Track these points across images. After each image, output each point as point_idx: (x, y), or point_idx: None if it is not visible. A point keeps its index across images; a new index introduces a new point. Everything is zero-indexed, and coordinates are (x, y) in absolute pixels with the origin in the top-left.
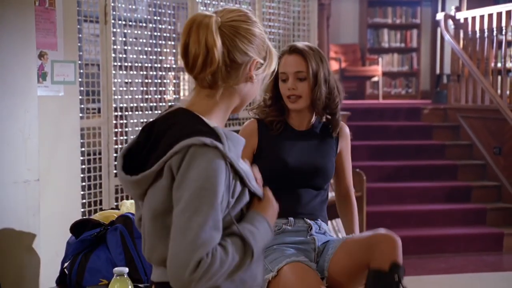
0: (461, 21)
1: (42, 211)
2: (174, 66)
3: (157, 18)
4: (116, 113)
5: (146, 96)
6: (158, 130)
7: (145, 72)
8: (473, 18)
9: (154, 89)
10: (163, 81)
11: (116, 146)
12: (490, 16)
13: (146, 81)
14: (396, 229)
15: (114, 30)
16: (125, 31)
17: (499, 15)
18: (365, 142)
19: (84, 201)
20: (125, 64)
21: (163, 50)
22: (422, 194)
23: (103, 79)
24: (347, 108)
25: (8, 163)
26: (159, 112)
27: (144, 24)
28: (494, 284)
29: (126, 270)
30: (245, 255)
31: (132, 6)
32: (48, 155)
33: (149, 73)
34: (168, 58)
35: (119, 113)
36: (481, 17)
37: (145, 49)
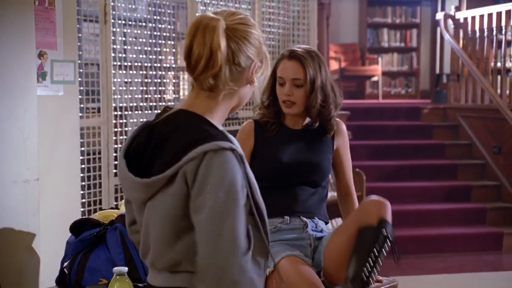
0: (461, 21)
1: (42, 211)
2: (174, 66)
3: (157, 18)
4: (116, 113)
5: (146, 96)
6: (161, 133)
7: (145, 72)
8: (473, 18)
9: (154, 89)
10: (163, 81)
11: (116, 146)
12: (490, 16)
13: (146, 81)
14: (396, 229)
15: (114, 30)
16: (125, 31)
17: (499, 15)
18: (365, 142)
19: (84, 201)
20: (125, 64)
21: (163, 50)
22: (422, 194)
23: (103, 79)
24: (347, 108)
25: (8, 163)
26: (159, 112)
27: (144, 24)
28: (494, 284)
29: (126, 270)
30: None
31: (132, 6)
32: (48, 155)
33: (149, 73)
34: (168, 58)
35: (119, 113)
36: (481, 17)
37: (145, 49)
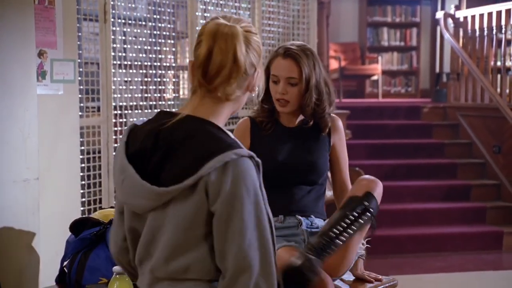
0: (461, 20)
1: (42, 210)
2: (174, 65)
3: (157, 17)
4: (116, 112)
5: (146, 95)
6: (170, 139)
7: (145, 71)
8: (473, 17)
9: (154, 88)
10: (163, 80)
11: (116, 145)
12: (490, 15)
13: (146, 80)
14: (395, 228)
15: (114, 29)
16: (125, 30)
17: (499, 14)
18: (365, 141)
19: (84, 200)
20: (125, 63)
21: (163, 49)
22: (421, 193)
23: (103, 78)
24: (347, 107)
25: (8, 162)
26: (159, 111)
27: (144, 23)
28: (494, 283)
29: None
30: None
31: (132, 5)
32: (48, 154)
33: (149, 72)
34: (168, 57)
35: (119, 112)
36: (481, 16)
37: (145, 48)
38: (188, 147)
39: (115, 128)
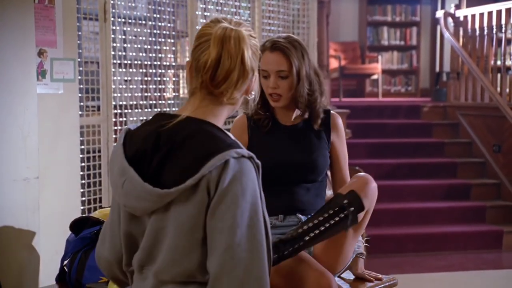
0: (461, 19)
1: (42, 209)
2: (174, 64)
3: (157, 16)
4: (116, 111)
5: (146, 94)
6: (172, 141)
7: (145, 70)
8: (473, 16)
9: (154, 87)
10: (163, 79)
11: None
12: (490, 14)
13: (146, 79)
14: (395, 227)
15: (114, 28)
16: (125, 29)
17: (499, 13)
18: (365, 140)
19: (84, 199)
20: (125, 62)
21: (163, 48)
22: (421, 192)
23: (103, 77)
24: (347, 106)
25: (8, 161)
26: (159, 110)
27: (144, 22)
28: (494, 282)
29: None
30: None
31: (132, 4)
32: (48, 153)
33: (149, 71)
34: (168, 56)
35: (119, 111)
36: (481, 15)
37: (145, 47)
38: (189, 148)
39: (115, 127)
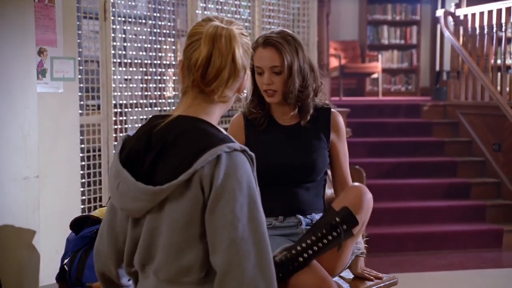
0: (461, 18)
1: (42, 208)
2: (174, 63)
3: (157, 15)
4: (116, 110)
5: (146, 93)
6: (164, 139)
7: (145, 69)
8: (473, 15)
9: (154, 86)
10: (163, 78)
11: (116, 143)
12: (490, 13)
13: (146, 78)
14: (395, 226)
15: (114, 27)
16: (125, 28)
17: (499, 12)
18: (365, 139)
19: (84, 198)
20: (125, 61)
21: (163, 47)
22: (422, 191)
23: (103, 76)
24: (347, 105)
25: (8, 160)
26: (159, 109)
27: (144, 21)
28: (494, 281)
29: None
30: None
31: (132, 3)
32: (48, 152)
33: (149, 70)
34: (168, 55)
35: (119, 110)
36: (481, 14)
37: (145, 46)
38: (180, 145)
39: (115, 126)
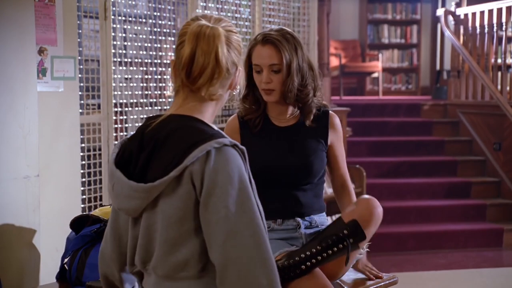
0: (461, 17)
1: (42, 207)
2: None
3: (157, 14)
4: (116, 109)
5: (146, 92)
6: (155, 138)
7: (145, 68)
8: (473, 14)
9: (154, 85)
10: (163, 77)
11: (116, 142)
12: (490, 12)
13: (146, 77)
14: (396, 225)
15: (114, 26)
16: (125, 27)
17: (499, 11)
18: (365, 138)
19: (84, 197)
20: (125, 60)
21: (163, 46)
22: (422, 190)
23: (103, 75)
24: (347, 104)
25: (8, 159)
26: (159, 108)
27: (144, 20)
28: (494, 280)
29: None
30: None
31: (132, 2)
32: (48, 151)
33: (149, 69)
34: (168, 54)
35: (119, 109)
36: (481, 13)
37: (145, 45)
38: (172, 143)
39: (116, 126)
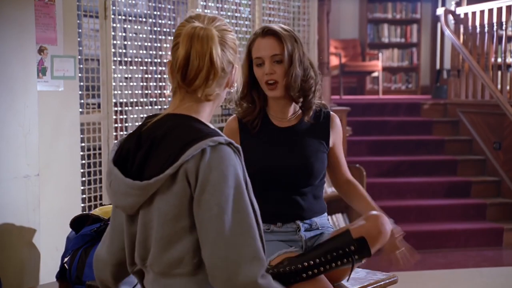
0: (461, 16)
1: (42, 206)
2: None
3: (157, 13)
4: (116, 108)
5: (146, 91)
6: (152, 136)
7: (145, 67)
8: (473, 13)
9: (154, 84)
10: (163, 76)
11: (116, 142)
12: (490, 11)
13: (146, 76)
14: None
15: (114, 25)
16: (125, 26)
17: (499, 10)
18: (365, 138)
19: (84, 196)
20: (125, 59)
21: (163, 45)
22: (422, 190)
23: (103, 74)
24: (347, 104)
25: (8, 159)
26: (159, 108)
27: (144, 19)
28: (494, 279)
29: None
30: None
31: (132, 1)
32: (48, 150)
33: (149, 68)
34: (168, 53)
35: (119, 108)
36: (481, 12)
37: (145, 44)
38: (168, 141)
39: (116, 125)
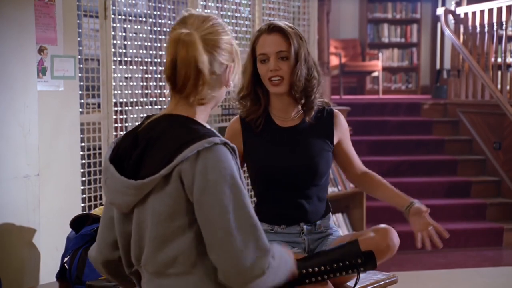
0: (461, 16)
1: (42, 206)
2: None
3: (157, 13)
4: (116, 108)
5: (146, 91)
6: (148, 136)
7: (145, 67)
8: (473, 13)
9: (154, 84)
10: (163, 76)
11: (114, 140)
12: (491, 11)
13: (146, 76)
14: (396, 224)
15: (114, 25)
16: (125, 26)
17: (499, 10)
18: (365, 137)
19: (84, 196)
20: (125, 59)
21: (163, 45)
22: (422, 189)
23: (103, 74)
24: (347, 103)
25: (8, 158)
26: (159, 107)
27: (144, 19)
28: (494, 279)
29: None
30: None
31: (132, 1)
32: (48, 150)
33: (149, 68)
34: None
35: (119, 108)
36: (481, 12)
37: (145, 44)
38: (164, 141)
39: (116, 125)
